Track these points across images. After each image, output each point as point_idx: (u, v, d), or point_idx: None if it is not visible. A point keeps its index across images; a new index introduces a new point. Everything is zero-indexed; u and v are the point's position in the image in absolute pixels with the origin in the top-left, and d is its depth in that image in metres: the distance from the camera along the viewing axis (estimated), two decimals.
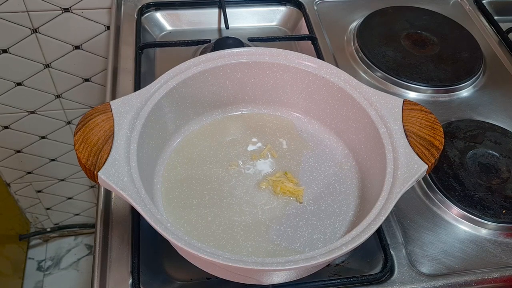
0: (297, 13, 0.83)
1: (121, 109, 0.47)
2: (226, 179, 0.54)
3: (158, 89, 0.50)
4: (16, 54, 0.92)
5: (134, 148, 0.45)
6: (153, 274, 0.50)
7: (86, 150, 0.43)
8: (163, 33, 0.80)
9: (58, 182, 1.27)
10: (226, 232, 0.49)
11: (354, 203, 0.52)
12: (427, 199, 0.59)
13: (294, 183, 0.53)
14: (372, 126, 0.50)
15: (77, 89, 1.02)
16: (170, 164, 0.54)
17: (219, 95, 0.57)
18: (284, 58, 0.55)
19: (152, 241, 0.51)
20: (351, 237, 0.40)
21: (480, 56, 0.78)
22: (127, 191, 0.41)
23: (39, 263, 1.42)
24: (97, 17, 0.88)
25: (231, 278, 0.46)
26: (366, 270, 0.51)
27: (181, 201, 0.51)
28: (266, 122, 0.60)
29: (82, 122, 0.45)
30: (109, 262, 0.50)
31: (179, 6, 0.81)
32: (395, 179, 0.44)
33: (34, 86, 0.99)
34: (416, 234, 0.55)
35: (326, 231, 0.50)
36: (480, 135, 0.65)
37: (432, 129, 0.48)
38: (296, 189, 0.52)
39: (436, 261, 0.53)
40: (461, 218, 0.57)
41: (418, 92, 0.72)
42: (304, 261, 0.39)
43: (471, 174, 0.60)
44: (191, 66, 0.53)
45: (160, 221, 0.40)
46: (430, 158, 0.45)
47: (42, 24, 0.87)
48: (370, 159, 0.52)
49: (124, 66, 0.70)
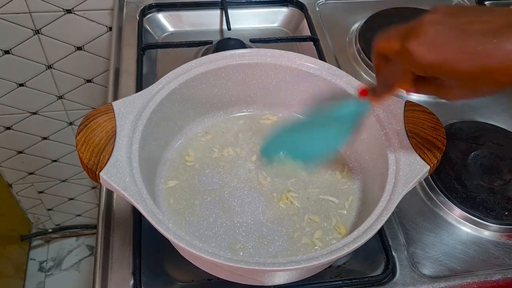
0: (299, 14, 0.83)
1: (123, 110, 0.47)
2: (227, 180, 0.54)
3: (160, 90, 0.50)
4: (18, 55, 0.92)
5: (136, 148, 0.45)
6: (154, 275, 0.50)
7: (88, 150, 0.43)
8: (165, 34, 0.80)
9: (60, 183, 1.27)
10: (228, 233, 0.49)
11: (356, 204, 0.52)
12: (429, 200, 0.59)
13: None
14: (374, 127, 0.50)
15: (79, 90, 1.02)
16: (172, 165, 0.54)
17: (221, 96, 0.57)
18: (286, 59, 0.55)
19: (153, 242, 0.51)
20: (353, 238, 0.40)
21: None
22: (128, 192, 0.41)
23: (41, 264, 1.42)
24: (99, 18, 0.88)
25: (232, 279, 0.46)
26: (367, 272, 0.51)
27: (183, 202, 0.51)
28: (268, 123, 0.60)
29: (84, 123, 0.45)
30: (111, 263, 0.50)
31: (181, 7, 0.81)
32: (397, 180, 0.44)
33: (36, 87, 0.99)
34: (418, 236, 0.55)
35: (327, 232, 0.50)
36: (482, 136, 0.65)
37: (434, 130, 0.48)
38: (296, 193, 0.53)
39: (438, 262, 0.53)
40: (463, 220, 0.57)
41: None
42: (305, 261, 0.39)
43: (473, 176, 0.60)
44: (193, 67, 0.53)
45: (162, 222, 0.40)
46: (432, 159, 0.45)
47: (44, 25, 0.87)
48: (372, 160, 0.52)
49: (126, 67, 0.70)
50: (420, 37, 0.34)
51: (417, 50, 0.34)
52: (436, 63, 0.33)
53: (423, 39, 0.34)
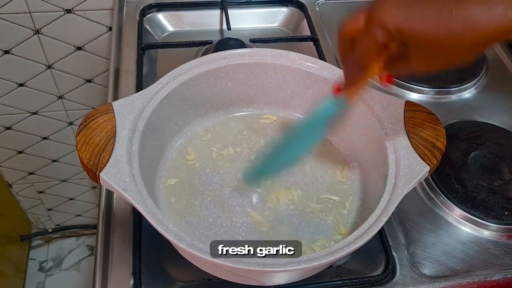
0: (299, 14, 0.83)
1: (123, 110, 0.47)
2: (227, 180, 0.54)
3: (160, 90, 0.50)
4: (18, 55, 0.92)
5: (136, 148, 0.45)
6: (154, 275, 0.50)
7: (88, 150, 0.43)
8: (165, 34, 0.80)
9: (60, 183, 1.27)
10: (228, 233, 0.49)
11: (356, 204, 0.52)
12: (429, 200, 0.59)
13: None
14: (374, 127, 0.50)
15: (79, 90, 1.02)
16: (172, 165, 0.54)
17: (221, 96, 0.57)
18: (286, 59, 0.55)
19: (153, 242, 0.51)
20: (353, 238, 0.40)
21: (483, 57, 0.78)
22: (128, 192, 0.41)
23: (41, 264, 1.42)
24: (99, 18, 0.88)
25: (232, 279, 0.46)
26: (367, 272, 0.51)
27: (183, 202, 0.51)
28: (268, 123, 0.60)
29: (84, 123, 0.45)
30: (111, 263, 0.49)
31: (181, 7, 0.81)
32: (397, 181, 0.44)
33: (36, 87, 0.99)
34: (418, 236, 0.55)
35: (327, 232, 0.50)
36: (482, 136, 0.65)
37: (434, 130, 0.47)
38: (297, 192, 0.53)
39: (438, 262, 0.53)
40: (463, 220, 0.57)
41: (420, 93, 0.72)
42: (305, 262, 0.39)
43: (473, 176, 0.60)
44: (193, 67, 0.53)
45: (162, 222, 0.40)
46: (432, 159, 0.45)
47: (44, 25, 0.87)
48: (372, 160, 0.52)
49: (126, 67, 0.70)
50: (386, 2, 0.34)
51: (385, 11, 0.34)
52: (404, 24, 0.33)
53: (389, 3, 0.34)
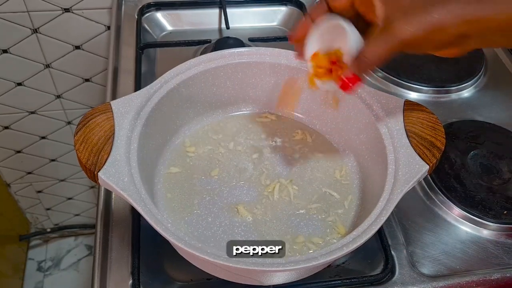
0: (298, 13, 0.83)
1: (122, 109, 0.47)
2: (226, 180, 0.53)
3: (159, 89, 0.50)
4: (16, 54, 0.92)
5: (134, 148, 0.45)
6: (153, 275, 0.49)
7: (86, 150, 0.43)
8: (163, 33, 0.80)
9: (58, 183, 1.27)
10: (227, 232, 0.49)
11: (355, 203, 0.52)
12: (428, 199, 0.59)
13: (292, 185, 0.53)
14: (373, 127, 0.50)
15: (78, 89, 1.02)
16: (170, 165, 0.54)
17: (220, 95, 0.57)
18: (285, 58, 0.55)
19: (152, 242, 0.51)
20: (352, 238, 0.40)
21: (482, 56, 0.78)
22: (127, 191, 0.41)
23: (39, 263, 1.41)
24: (98, 17, 0.88)
25: (231, 279, 0.46)
26: (367, 271, 0.51)
27: (182, 202, 0.51)
28: (267, 122, 0.59)
29: (82, 122, 0.45)
30: (109, 262, 0.49)
31: (180, 6, 0.81)
32: (396, 180, 0.44)
33: (35, 86, 0.99)
34: (417, 235, 0.55)
35: (327, 232, 0.49)
36: (482, 135, 0.65)
37: (433, 130, 0.47)
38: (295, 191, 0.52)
39: (437, 262, 0.53)
40: (462, 219, 0.57)
41: (420, 92, 0.72)
42: (305, 261, 0.39)
43: (472, 175, 0.60)
44: (191, 66, 0.53)
45: (161, 222, 0.40)
46: (432, 158, 0.45)
47: (42, 24, 0.87)
48: (371, 160, 0.52)
49: (124, 66, 0.70)
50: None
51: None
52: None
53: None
